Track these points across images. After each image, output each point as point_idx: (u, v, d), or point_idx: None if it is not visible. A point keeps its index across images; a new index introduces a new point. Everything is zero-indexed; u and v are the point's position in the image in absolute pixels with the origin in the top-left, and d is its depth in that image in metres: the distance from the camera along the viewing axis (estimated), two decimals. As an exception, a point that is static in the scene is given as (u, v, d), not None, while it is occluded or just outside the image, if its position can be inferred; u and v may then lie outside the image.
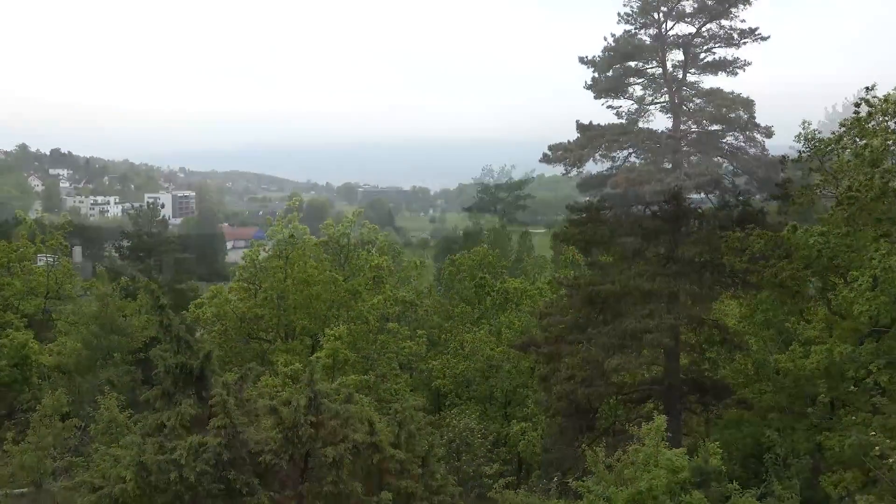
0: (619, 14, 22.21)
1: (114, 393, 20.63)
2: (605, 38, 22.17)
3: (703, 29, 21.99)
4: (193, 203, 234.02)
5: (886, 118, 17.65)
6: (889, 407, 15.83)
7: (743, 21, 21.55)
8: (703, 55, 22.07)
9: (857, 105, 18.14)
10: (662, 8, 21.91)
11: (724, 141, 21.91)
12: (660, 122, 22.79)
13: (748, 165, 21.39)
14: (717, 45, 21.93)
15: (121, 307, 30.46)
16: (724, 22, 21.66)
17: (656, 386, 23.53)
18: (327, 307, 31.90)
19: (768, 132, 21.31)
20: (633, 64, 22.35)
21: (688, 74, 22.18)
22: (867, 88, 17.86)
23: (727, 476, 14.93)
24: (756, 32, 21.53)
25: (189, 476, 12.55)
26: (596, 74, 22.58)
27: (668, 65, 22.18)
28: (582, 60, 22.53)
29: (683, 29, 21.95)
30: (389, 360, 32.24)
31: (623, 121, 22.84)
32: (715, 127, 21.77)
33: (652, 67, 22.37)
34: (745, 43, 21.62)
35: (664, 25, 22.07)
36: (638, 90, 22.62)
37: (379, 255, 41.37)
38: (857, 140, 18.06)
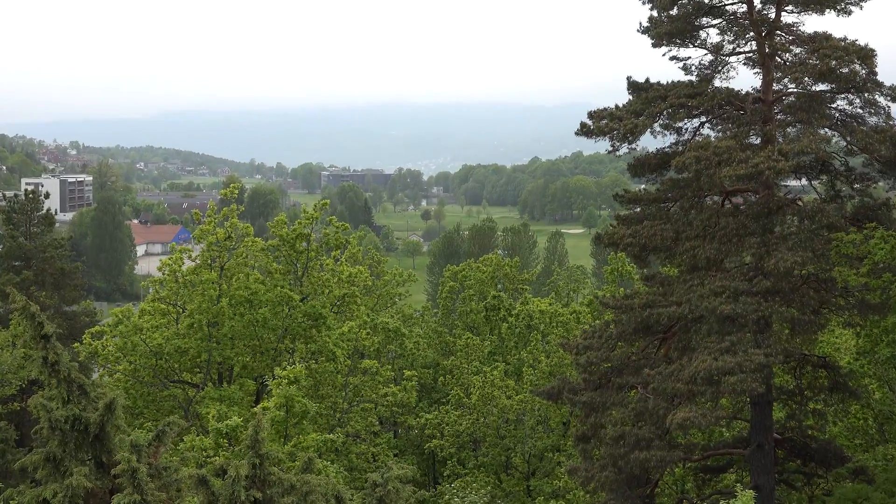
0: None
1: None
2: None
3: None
4: (90, 191, 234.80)
5: None
6: None
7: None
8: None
9: None
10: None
11: (834, 106, 21.98)
12: (744, 79, 22.87)
13: (867, 140, 21.42)
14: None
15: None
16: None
17: (740, 449, 23.50)
18: (278, 338, 31.93)
19: (895, 94, 21.38)
20: (706, -2, 22.46)
21: (783, 13, 22.28)
22: None
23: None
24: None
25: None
26: (654, 13, 22.69)
27: (756, -1, 22.31)
28: (634, -8, 22.65)
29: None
30: (365, 412, 32.25)
31: (693, 78, 22.93)
32: (821, 87, 21.82)
33: (733, 3, 22.48)
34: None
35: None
36: (713, 35, 22.76)
37: (351, 264, 41.48)
38: None
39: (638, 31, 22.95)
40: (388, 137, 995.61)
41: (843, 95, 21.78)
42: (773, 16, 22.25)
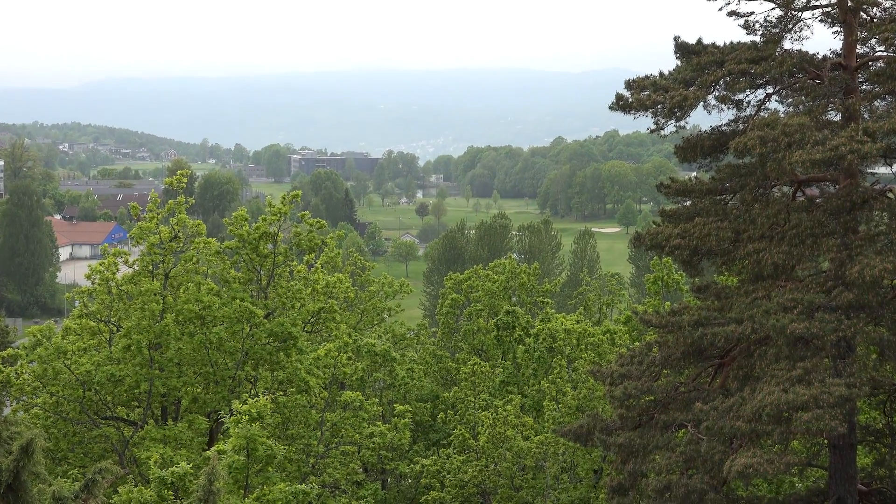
0: None
1: None
2: None
3: None
4: (0, 180, 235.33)
5: None
6: None
7: None
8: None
9: None
10: None
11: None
12: (821, 39, 22.89)
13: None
14: None
15: None
16: None
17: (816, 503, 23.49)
18: (236, 364, 31.98)
19: None
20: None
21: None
22: None
23: None
24: None
25: None
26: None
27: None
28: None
29: None
30: (346, 456, 32.28)
31: (757, 38, 22.97)
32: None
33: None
34: None
35: None
36: (782, -16, 22.74)
37: (329, 271, 41.50)
38: None
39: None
40: (375, 112, 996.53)
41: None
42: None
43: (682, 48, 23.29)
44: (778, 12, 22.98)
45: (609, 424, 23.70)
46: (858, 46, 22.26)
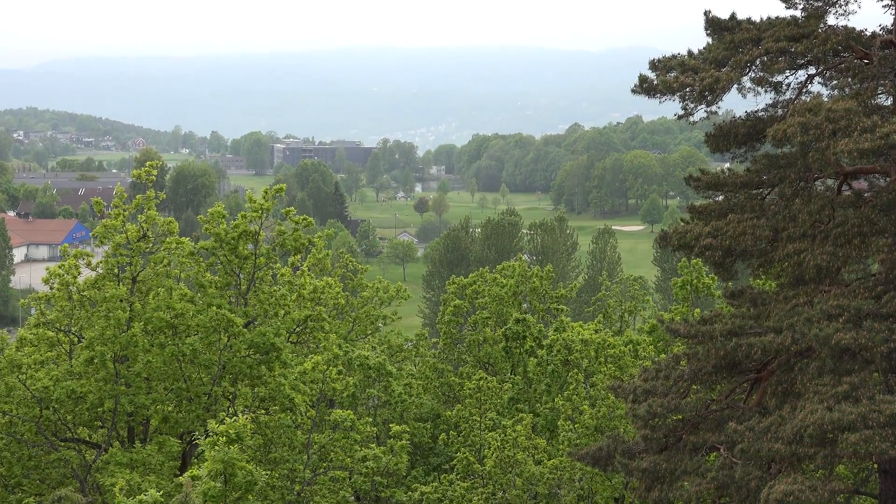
0: None
1: None
2: None
3: None
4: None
5: None
6: None
7: None
8: None
9: None
10: None
11: None
12: (869, 14, 22.86)
13: None
14: None
15: None
16: None
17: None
18: (213, 379, 31.99)
19: None
20: None
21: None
22: None
23: None
24: None
25: None
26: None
27: None
28: None
29: None
30: (336, 483, 32.26)
31: (797, 13, 22.95)
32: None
33: None
34: None
35: None
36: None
37: (317, 275, 41.47)
38: None
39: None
40: (369, 96, 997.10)
41: None
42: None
43: (713, 24, 23.29)
44: (821, -17, 23.00)
45: (632, 447, 23.70)
46: (912, 22, 22.25)
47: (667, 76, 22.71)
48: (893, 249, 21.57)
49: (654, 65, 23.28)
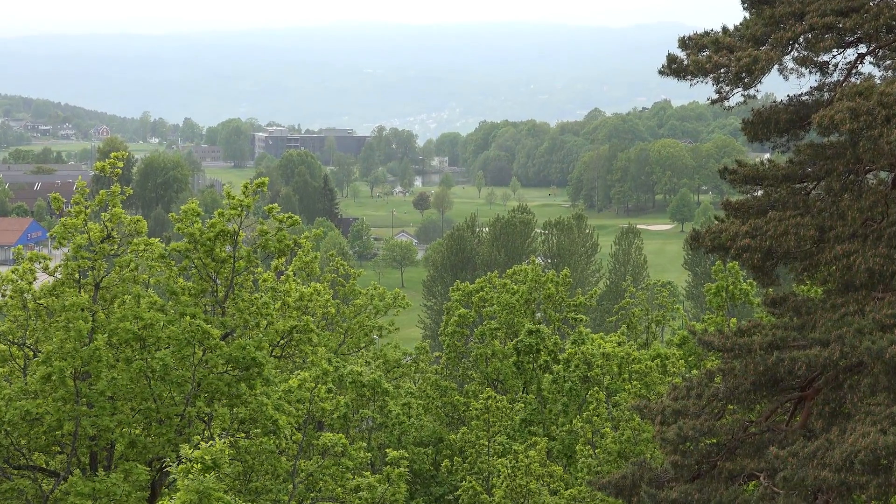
0: None
1: None
2: None
3: None
4: None
5: None
6: None
7: None
8: None
9: None
10: None
11: None
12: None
13: None
14: None
15: None
16: None
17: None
18: (186, 398, 32.00)
19: None
20: None
21: None
22: None
23: None
24: None
25: None
26: None
27: None
28: None
29: None
30: (325, 515, 32.24)
31: (846, -17, 22.94)
32: None
33: None
34: None
35: None
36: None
37: (303, 281, 41.47)
38: None
39: None
40: (362, 79, 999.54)
41: None
42: None
43: (751, -3, 23.29)
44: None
45: (660, 475, 23.70)
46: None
47: (698, 56, 22.71)
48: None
49: (684, 43, 23.27)
